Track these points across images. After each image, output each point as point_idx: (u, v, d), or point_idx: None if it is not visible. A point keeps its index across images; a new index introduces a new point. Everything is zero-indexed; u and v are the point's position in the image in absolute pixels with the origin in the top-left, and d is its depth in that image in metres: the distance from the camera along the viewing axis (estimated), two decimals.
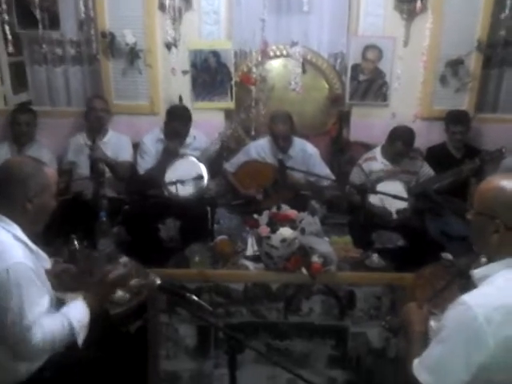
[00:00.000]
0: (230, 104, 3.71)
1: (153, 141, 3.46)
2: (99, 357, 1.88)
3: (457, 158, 3.50)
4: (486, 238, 1.41)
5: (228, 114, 3.73)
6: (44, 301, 1.57)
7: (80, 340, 1.61)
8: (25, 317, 1.50)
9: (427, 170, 3.37)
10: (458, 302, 1.32)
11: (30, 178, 1.63)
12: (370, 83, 3.71)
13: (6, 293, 1.48)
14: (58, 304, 1.69)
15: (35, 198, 1.64)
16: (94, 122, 3.44)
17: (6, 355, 1.57)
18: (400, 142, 3.24)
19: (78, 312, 1.63)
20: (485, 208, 1.41)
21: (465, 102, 3.69)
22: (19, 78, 3.74)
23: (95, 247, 2.43)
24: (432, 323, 1.66)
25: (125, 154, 3.49)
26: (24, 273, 1.52)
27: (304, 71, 3.68)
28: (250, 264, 2.42)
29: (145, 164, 3.42)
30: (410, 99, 3.69)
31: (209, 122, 3.61)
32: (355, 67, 3.68)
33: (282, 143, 3.33)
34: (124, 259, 1.87)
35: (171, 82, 3.68)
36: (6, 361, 1.58)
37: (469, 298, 1.31)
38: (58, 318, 1.58)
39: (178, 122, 3.35)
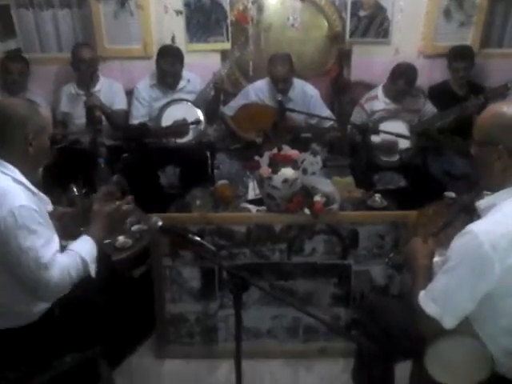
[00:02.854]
0: (225, 45, 3.59)
1: (146, 86, 3.38)
2: (106, 301, 1.89)
3: (460, 95, 3.41)
4: (490, 168, 1.39)
5: (224, 55, 3.60)
6: (55, 241, 1.57)
7: (93, 272, 1.63)
8: (41, 257, 1.49)
9: (430, 108, 3.31)
10: (464, 231, 1.32)
11: (28, 120, 1.58)
12: (370, 19, 3.57)
13: (17, 236, 1.46)
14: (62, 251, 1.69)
15: (34, 141, 1.60)
16: (83, 73, 3.30)
17: (20, 298, 1.58)
18: (402, 79, 3.16)
19: (85, 245, 1.63)
20: (485, 136, 1.39)
21: (469, 37, 3.58)
22: (5, 24, 3.57)
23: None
24: (436, 258, 1.66)
25: (118, 102, 3.40)
26: (30, 214, 1.49)
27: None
28: (251, 207, 2.41)
29: (138, 111, 3.35)
30: (413, 35, 3.58)
31: (204, 65, 3.50)
32: (355, 2, 3.54)
33: (281, 85, 3.24)
34: (115, 177, 1.83)
35: (164, 23, 3.55)
36: (20, 304, 1.60)
37: (475, 226, 1.31)
38: (69, 254, 1.58)
39: (167, 60, 3.24)
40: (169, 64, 3.25)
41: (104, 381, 1.94)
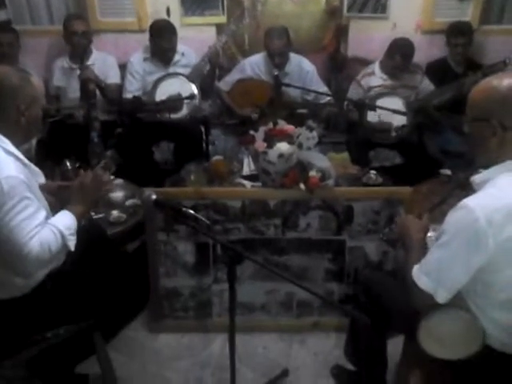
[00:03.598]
0: (221, 18, 3.53)
1: (140, 60, 3.32)
2: (99, 273, 1.88)
3: (458, 73, 3.38)
4: (485, 145, 1.37)
5: (220, 29, 3.54)
6: (40, 215, 1.54)
7: (72, 246, 1.60)
8: (22, 229, 1.47)
9: (427, 85, 3.28)
10: (459, 205, 1.31)
11: (19, 89, 1.54)
12: None
13: (1, 206, 1.44)
14: None
15: (27, 111, 1.56)
16: (76, 46, 3.23)
17: (8, 271, 1.56)
18: (399, 54, 3.13)
19: (64, 219, 1.61)
20: (478, 112, 1.37)
21: (468, 13, 3.52)
22: None
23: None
24: (430, 233, 1.66)
25: (112, 76, 3.35)
26: (17, 186, 1.47)
27: None
28: (246, 183, 2.39)
29: (131, 85, 3.30)
30: (411, 10, 3.53)
31: (199, 38, 3.45)
32: None
33: (278, 60, 3.20)
34: (109, 152, 1.79)
35: None
36: (9, 276, 1.58)
37: (470, 200, 1.30)
38: (48, 229, 1.55)
39: (165, 38, 3.19)
40: (167, 41, 3.20)
41: (98, 353, 1.95)
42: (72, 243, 1.61)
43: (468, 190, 1.48)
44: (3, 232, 1.47)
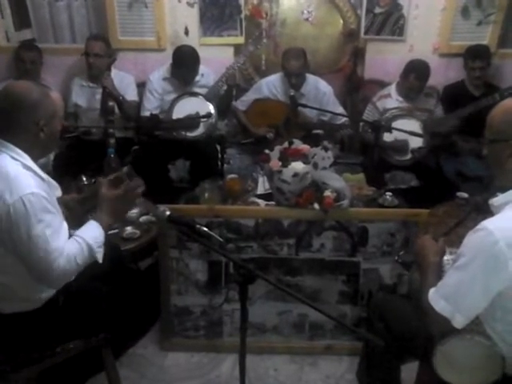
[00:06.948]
0: (239, 39, 3.57)
1: (159, 79, 3.37)
2: (112, 290, 1.88)
3: (475, 96, 3.36)
4: (504, 166, 1.37)
5: (237, 49, 3.58)
6: (63, 228, 1.56)
7: (100, 258, 1.63)
8: (49, 245, 1.48)
9: (440, 112, 3.27)
10: (477, 227, 1.29)
11: (39, 105, 1.55)
12: (386, 16, 3.54)
13: (26, 224, 1.45)
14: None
15: (46, 127, 1.57)
16: (90, 66, 3.28)
17: (27, 284, 1.57)
18: (413, 74, 3.14)
19: (92, 231, 1.62)
20: (497, 133, 1.37)
21: (487, 37, 3.51)
22: (21, 14, 3.59)
23: None
24: (447, 257, 1.62)
25: (130, 94, 3.38)
26: (39, 202, 1.47)
27: None
28: (260, 202, 2.38)
29: (150, 103, 3.34)
30: (428, 33, 3.54)
31: (217, 58, 3.49)
32: None
33: (294, 80, 3.22)
34: (125, 168, 1.78)
35: (178, 16, 3.54)
36: (27, 289, 1.60)
37: (489, 223, 1.28)
38: (76, 241, 1.57)
39: (184, 66, 3.23)
40: (190, 70, 3.26)
41: (108, 370, 1.93)
42: (100, 255, 1.63)
43: (484, 213, 1.45)
44: (28, 248, 1.48)
